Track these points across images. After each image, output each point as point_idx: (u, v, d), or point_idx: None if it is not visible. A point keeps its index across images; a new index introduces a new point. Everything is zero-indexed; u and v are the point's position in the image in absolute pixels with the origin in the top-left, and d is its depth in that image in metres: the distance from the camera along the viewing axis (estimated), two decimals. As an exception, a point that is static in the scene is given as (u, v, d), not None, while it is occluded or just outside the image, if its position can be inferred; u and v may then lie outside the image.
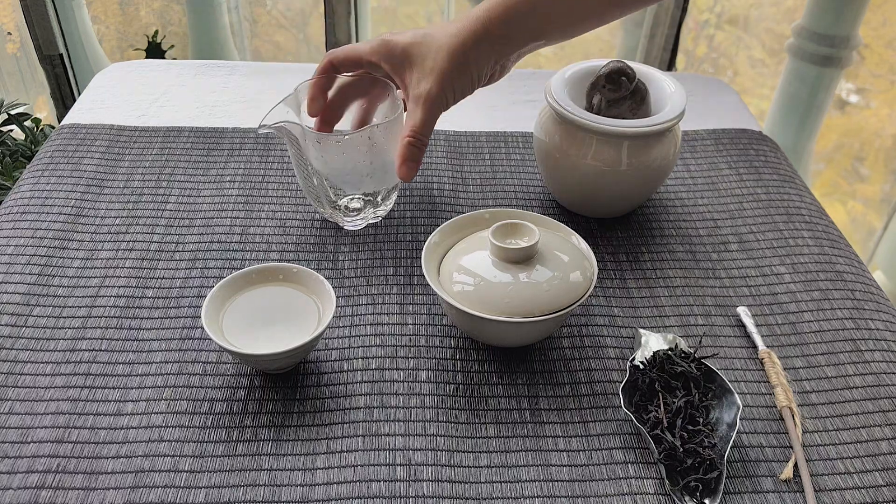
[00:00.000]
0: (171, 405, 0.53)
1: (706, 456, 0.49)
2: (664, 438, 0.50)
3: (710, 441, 0.50)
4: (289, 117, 0.62)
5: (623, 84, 0.66)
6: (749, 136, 0.84)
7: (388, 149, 0.63)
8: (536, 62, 1.96)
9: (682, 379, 0.54)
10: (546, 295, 0.54)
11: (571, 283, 0.55)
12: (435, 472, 0.50)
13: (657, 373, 0.54)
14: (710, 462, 0.49)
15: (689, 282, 0.65)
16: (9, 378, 0.54)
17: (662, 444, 0.50)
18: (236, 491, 0.48)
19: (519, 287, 0.54)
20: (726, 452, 0.50)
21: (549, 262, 0.56)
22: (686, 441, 0.50)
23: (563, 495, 0.49)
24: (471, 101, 0.89)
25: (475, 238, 0.59)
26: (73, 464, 0.49)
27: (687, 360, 0.55)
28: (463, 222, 0.61)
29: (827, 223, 0.73)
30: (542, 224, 0.60)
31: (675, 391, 0.53)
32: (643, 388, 0.54)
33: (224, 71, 0.91)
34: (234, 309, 0.56)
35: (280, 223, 0.69)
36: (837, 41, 1.41)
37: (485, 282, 0.54)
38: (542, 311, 0.53)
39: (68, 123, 0.81)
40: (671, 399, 0.52)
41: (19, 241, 0.65)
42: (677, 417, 0.51)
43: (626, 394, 0.53)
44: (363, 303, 0.61)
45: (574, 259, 0.57)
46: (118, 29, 1.84)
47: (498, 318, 0.53)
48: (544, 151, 0.69)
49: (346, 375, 0.56)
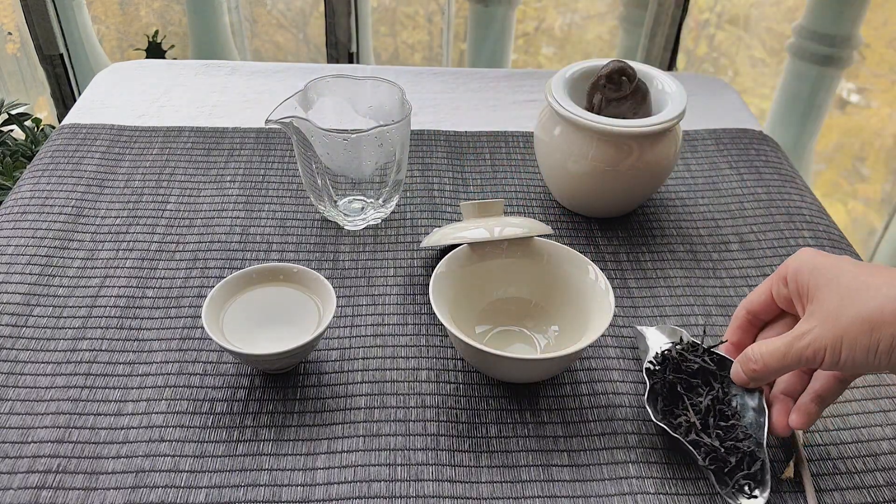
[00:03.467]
0: (172, 405, 0.53)
1: (746, 449, 0.48)
2: (702, 442, 0.48)
3: (745, 432, 0.49)
4: (297, 113, 0.62)
5: (624, 84, 0.66)
6: (750, 136, 0.83)
7: (394, 150, 0.63)
8: (537, 62, 1.96)
9: (701, 375, 0.52)
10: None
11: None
12: (436, 472, 0.50)
13: (674, 375, 0.52)
14: (750, 454, 0.48)
15: (689, 282, 0.65)
16: (9, 378, 0.54)
17: (701, 448, 0.49)
18: (237, 491, 0.48)
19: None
20: (764, 440, 0.49)
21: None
22: (723, 439, 0.49)
23: (564, 495, 0.49)
24: (471, 101, 0.90)
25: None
26: (73, 464, 0.49)
27: (699, 355, 0.53)
28: (473, 250, 0.59)
29: (827, 223, 0.73)
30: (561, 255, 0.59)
31: (697, 389, 0.51)
32: (664, 393, 0.52)
33: (224, 71, 0.91)
34: (234, 309, 0.56)
35: (280, 223, 0.69)
36: (838, 41, 1.41)
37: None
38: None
39: (68, 123, 0.81)
40: (696, 399, 0.51)
41: (20, 241, 0.65)
42: (708, 416, 0.50)
43: (651, 404, 0.51)
44: (363, 303, 0.61)
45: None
46: (118, 29, 1.84)
47: (511, 355, 0.51)
48: (545, 151, 0.69)
49: (347, 375, 0.56)
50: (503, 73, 0.94)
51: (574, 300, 0.58)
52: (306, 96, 0.65)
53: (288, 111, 0.61)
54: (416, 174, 0.76)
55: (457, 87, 0.91)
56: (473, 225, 0.60)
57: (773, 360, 0.47)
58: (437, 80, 0.92)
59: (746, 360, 0.49)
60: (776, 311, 0.52)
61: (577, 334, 0.56)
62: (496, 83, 0.92)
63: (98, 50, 1.60)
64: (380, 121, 0.67)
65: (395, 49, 1.94)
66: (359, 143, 0.61)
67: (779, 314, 0.52)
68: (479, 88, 0.91)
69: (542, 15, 1.92)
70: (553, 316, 0.59)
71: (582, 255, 0.58)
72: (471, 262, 0.59)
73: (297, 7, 1.88)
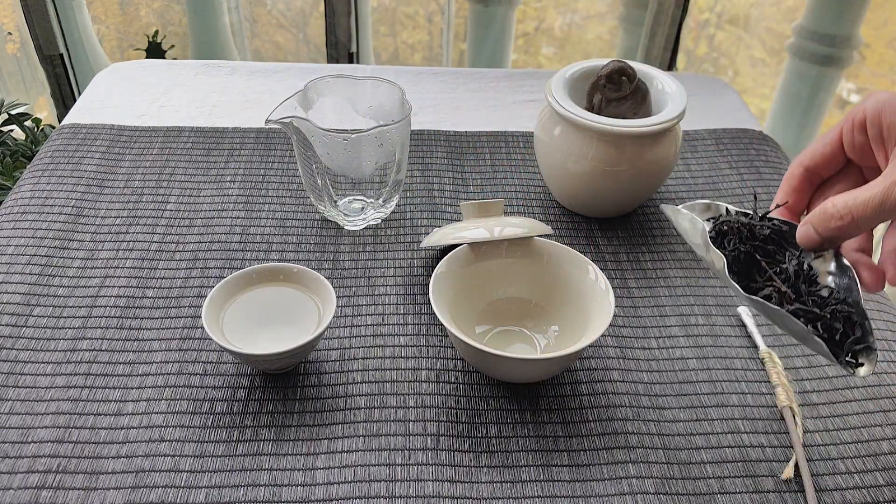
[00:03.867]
0: (172, 405, 0.53)
1: (847, 312, 0.43)
2: (804, 312, 0.43)
3: (838, 295, 0.44)
4: (297, 113, 0.62)
5: (624, 84, 0.66)
6: (750, 136, 0.84)
7: (394, 150, 0.63)
8: (537, 62, 1.96)
9: (773, 242, 0.46)
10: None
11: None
12: (436, 472, 0.50)
13: (749, 244, 0.46)
14: (848, 317, 0.43)
15: (689, 282, 0.65)
16: (9, 378, 0.54)
17: (800, 318, 0.43)
18: (237, 491, 0.48)
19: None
20: (860, 299, 0.44)
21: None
22: (821, 306, 0.43)
23: (564, 495, 0.49)
24: (471, 101, 0.90)
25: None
26: (73, 464, 0.49)
27: (765, 221, 0.47)
28: (473, 250, 0.59)
29: (827, 223, 0.73)
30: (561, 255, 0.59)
31: (775, 256, 0.46)
32: (737, 269, 0.46)
33: (224, 71, 0.91)
34: (234, 309, 0.56)
35: (280, 223, 0.69)
36: (838, 41, 1.41)
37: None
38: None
39: (68, 123, 0.81)
40: (779, 268, 0.45)
41: (20, 241, 0.65)
42: (798, 283, 0.44)
43: (734, 277, 0.45)
44: (363, 303, 0.61)
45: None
46: (118, 29, 1.84)
47: (511, 355, 0.51)
48: (545, 151, 0.69)
49: (347, 375, 0.56)
50: (503, 73, 0.94)
51: (574, 300, 0.58)
52: (306, 96, 0.65)
53: (288, 111, 0.61)
54: (416, 174, 0.76)
55: (457, 87, 0.91)
56: (473, 225, 0.60)
57: (867, 211, 0.42)
58: (437, 80, 0.92)
59: (827, 218, 0.43)
60: (840, 164, 0.48)
61: (577, 334, 0.56)
62: (496, 83, 0.92)
63: (98, 50, 1.60)
64: (380, 121, 0.67)
65: (395, 49, 1.94)
66: (359, 143, 0.61)
67: (841, 170, 0.48)
68: (479, 88, 0.91)
69: (542, 15, 1.92)
70: (553, 316, 0.59)
71: (582, 255, 0.58)
72: (471, 262, 0.59)
73: (297, 7, 1.88)
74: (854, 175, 0.48)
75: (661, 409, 0.54)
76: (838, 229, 0.43)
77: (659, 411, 0.54)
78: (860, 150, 0.46)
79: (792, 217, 0.49)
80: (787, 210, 0.49)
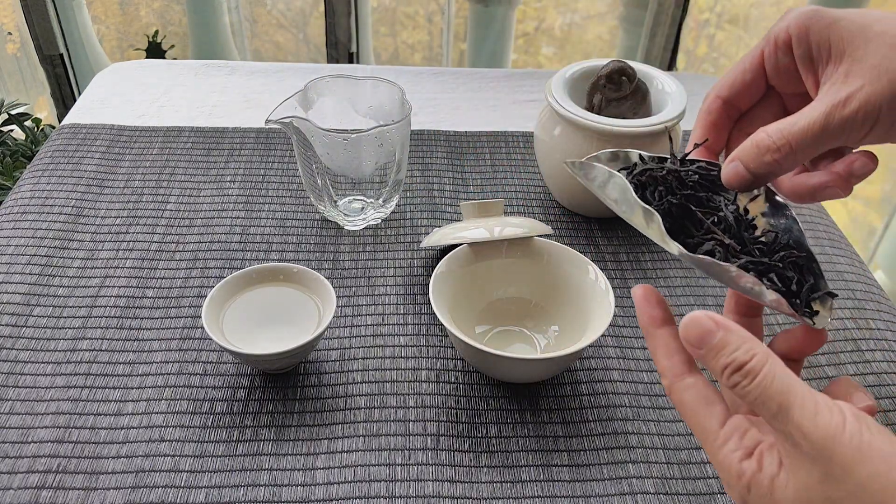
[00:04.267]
0: (172, 405, 0.53)
1: (796, 256, 0.38)
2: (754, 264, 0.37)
3: (783, 239, 0.39)
4: (297, 113, 0.62)
5: (624, 84, 0.66)
6: (749, 136, 0.83)
7: (394, 150, 0.63)
8: (537, 62, 1.96)
9: (703, 189, 0.40)
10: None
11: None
12: (436, 472, 0.50)
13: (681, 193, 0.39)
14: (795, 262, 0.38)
15: (689, 282, 0.65)
16: (9, 378, 0.54)
17: (750, 271, 0.37)
18: (237, 491, 0.48)
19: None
20: (804, 240, 0.39)
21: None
22: (769, 253, 0.38)
23: (564, 495, 0.49)
24: (471, 101, 0.90)
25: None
26: (73, 464, 0.49)
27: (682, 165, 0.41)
28: (473, 250, 0.59)
29: (828, 223, 0.73)
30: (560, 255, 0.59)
31: (708, 205, 0.40)
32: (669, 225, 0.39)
33: (224, 71, 0.91)
34: (234, 309, 0.56)
35: (280, 223, 0.69)
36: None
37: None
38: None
39: (68, 123, 0.81)
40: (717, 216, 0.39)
41: (20, 241, 0.65)
42: (741, 231, 0.38)
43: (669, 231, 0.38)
44: (363, 303, 0.61)
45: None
46: (118, 29, 1.84)
47: (511, 354, 0.51)
48: (545, 151, 0.69)
49: (347, 375, 0.56)
50: (503, 73, 0.94)
51: (574, 300, 0.58)
52: (306, 96, 0.65)
53: (288, 111, 0.61)
54: (416, 174, 0.76)
55: (457, 87, 0.91)
56: (473, 225, 0.60)
57: (807, 138, 0.37)
58: (437, 80, 0.92)
59: (762, 150, 0.38)
60: (761, 93, 0.42)
61: (577, 334, 0.56)
62: (496, 83, 0.92)
63: (98, 50, 1.60)
64: (380, 121, 0.67)
65: (395, 49, 1.94)
66: (359, 143, 0.61)
67: (758, 101, 0.43)
68: (479, 88, 0.91)
69: (542, 15, 1.92)
70: (553, 316, 0.59)
71: (582, 255, 0.58)
72: (471, 262, 0.59)
73: (297, 7, 1.88)
74: (774, 107, 0.43)
75: (661, 409, 0.54)
76: (774, 163, 0.38)
77: (659, 411, 0.54)
78: (785, 74, 0.41)
79: (710, 157, 0.42)
80: (706, 149, 0.43)
